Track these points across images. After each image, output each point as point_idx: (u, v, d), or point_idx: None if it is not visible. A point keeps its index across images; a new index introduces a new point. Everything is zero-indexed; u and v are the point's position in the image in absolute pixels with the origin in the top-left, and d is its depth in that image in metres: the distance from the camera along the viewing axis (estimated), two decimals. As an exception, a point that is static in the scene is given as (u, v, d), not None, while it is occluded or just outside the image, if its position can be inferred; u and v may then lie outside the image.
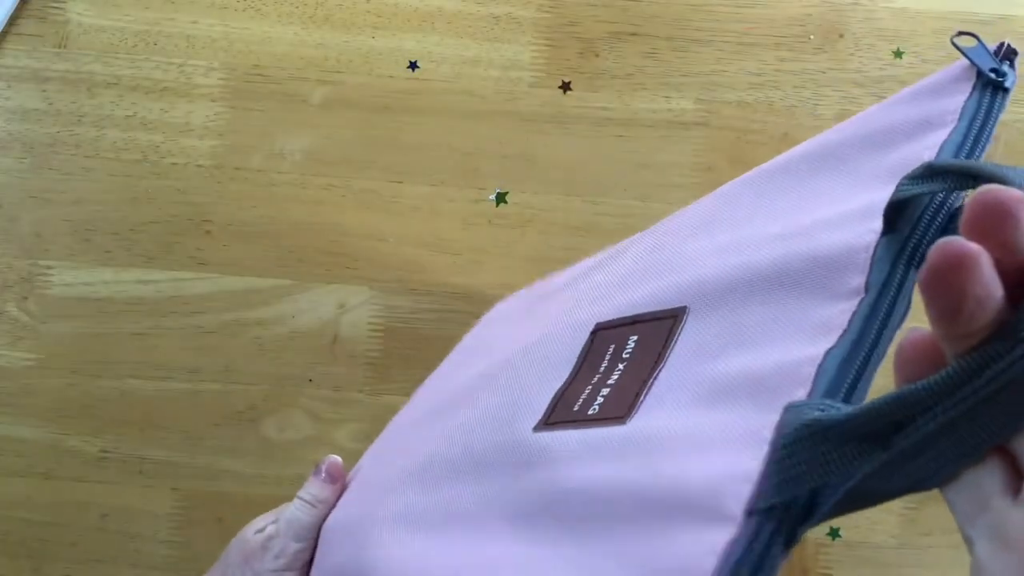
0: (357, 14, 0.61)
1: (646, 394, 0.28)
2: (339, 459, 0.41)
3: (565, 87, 0.61)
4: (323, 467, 0.41)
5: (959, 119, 0.28)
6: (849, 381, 0.22)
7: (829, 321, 0.23)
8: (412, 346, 0.59)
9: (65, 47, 0.60)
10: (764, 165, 0.34)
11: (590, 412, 0.29)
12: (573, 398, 0.30)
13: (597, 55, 0.61)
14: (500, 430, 0.31)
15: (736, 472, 0.20)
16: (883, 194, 0.25)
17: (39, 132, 0.59)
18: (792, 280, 0.25)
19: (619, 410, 0.28)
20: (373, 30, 0.61)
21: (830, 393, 0.21)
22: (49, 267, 0.59)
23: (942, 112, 0.28)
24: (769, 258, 0.26)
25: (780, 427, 0.20)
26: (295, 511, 0.40)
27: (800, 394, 0.21)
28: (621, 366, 0.30)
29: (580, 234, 0.59)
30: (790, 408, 0.21)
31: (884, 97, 0.62)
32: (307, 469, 0.60)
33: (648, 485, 0.23)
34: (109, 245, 0.59)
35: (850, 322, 0.23)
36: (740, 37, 0.61)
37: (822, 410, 0.20)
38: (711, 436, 0.23)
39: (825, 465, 0.19)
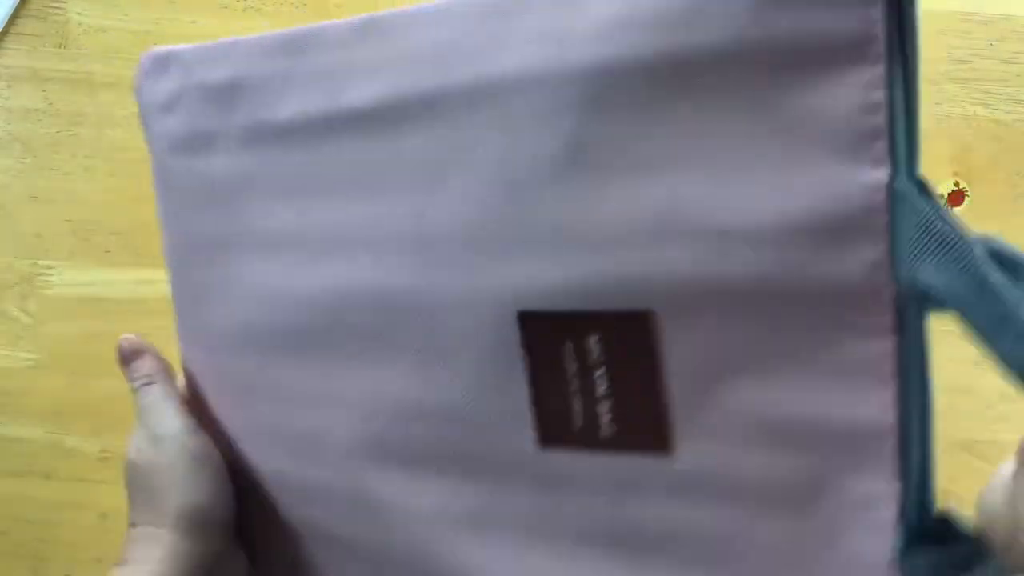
0: (357, 14, 0.61)
1: (671, 418, 0.26)
2: (129, 336, 0.38)
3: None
4: (120, 354, 0.38)
5: (885, 47, 0.21)
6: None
7: (869, 365, 0.22)
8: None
9: (65, 47, 0.60)
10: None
11: (604, 433, 0.27)
12: (563, 413, 0.27)
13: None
14: (482, 433, 0.28)
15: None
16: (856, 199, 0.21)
17: (39, 132, 0.59)
18: (793, 300, 0.23)
19: (648, 437, 0.26)
20: (373, 30, 0.61)
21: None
22: (49, 267, 0.59)
23: (842, 30, 0.21)
24: (745, 267, 0.23)
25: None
26: (139, 402, 0.37)
27: (887, 470, 0.22)
28: (600, 373, 0.27)
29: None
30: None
31: (884, 97, 0.62)
32: (307, 469, 0.60)
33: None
34: (109, 245, 0.59)
35: (896, 372, 0.22)
36: (740, 37, 0.61)
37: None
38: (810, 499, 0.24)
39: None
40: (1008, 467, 0.22)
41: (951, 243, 0.20)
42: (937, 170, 0.61)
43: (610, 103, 0.24)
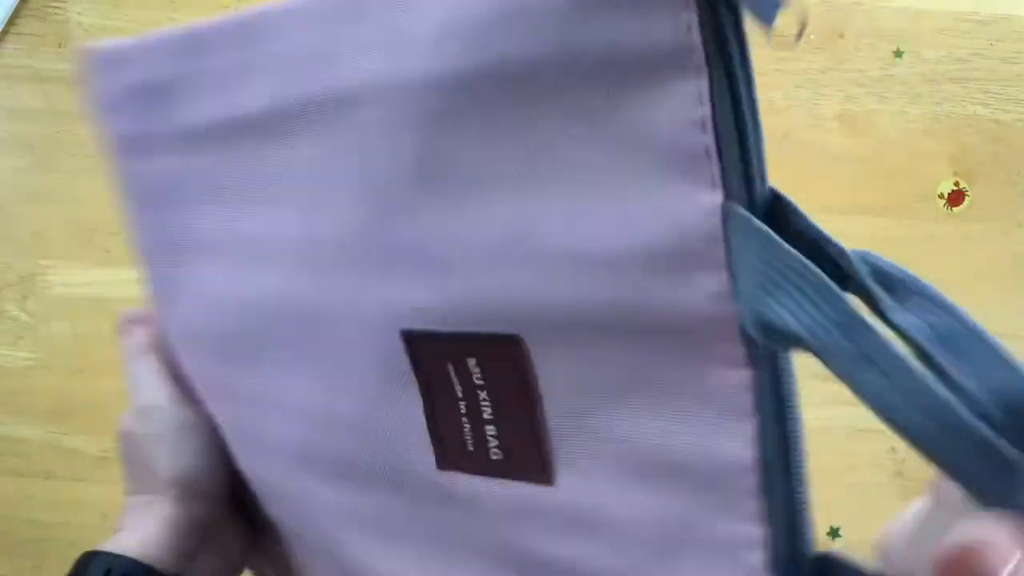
0: (357, 14, 0.61)
1: (549, 446, 0.25)
2: (131, 308, 0.37)
3: (565, 87, 0.61)
4: (118, 325, 0.36)
5: (705, 57, 0.19)
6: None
7: (728, 399, 0.21)
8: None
9: (65, 47, 0.60)
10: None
11: (493, 457, 0.26)
12: (456, 435, 0.26)
13: (597, 55, 0.61)
14: (388, 447, 0.28)
15: None
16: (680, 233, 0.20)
17: (39, 132, 0.59)
18: (654, 328, 0.22)
19: (530, 465, 0.26)
20: (373, 30, 0.61)
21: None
22: (49, 267, 0.59)
23: (657, 39, 0.19)
24: (599, 293, 0.22)
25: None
26: (129, 374, 0.36)
27: (754, 535, 0.21)
28: (484, 396, 0.26)
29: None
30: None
31: (884, 97, 0.62)
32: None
33: None
34: (109, 245, 0.59)
35: (755, 407, 0.20)
36: (740, 37, 0.61)
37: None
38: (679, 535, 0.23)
39: None
40: (916, 505, 0.20)
41: (799, 274, 0.18)
42: (937, 170, 0.61)
43: (452, 117, 0.22)
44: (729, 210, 0.19)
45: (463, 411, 0.26)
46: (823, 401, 0.53)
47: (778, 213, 0.20)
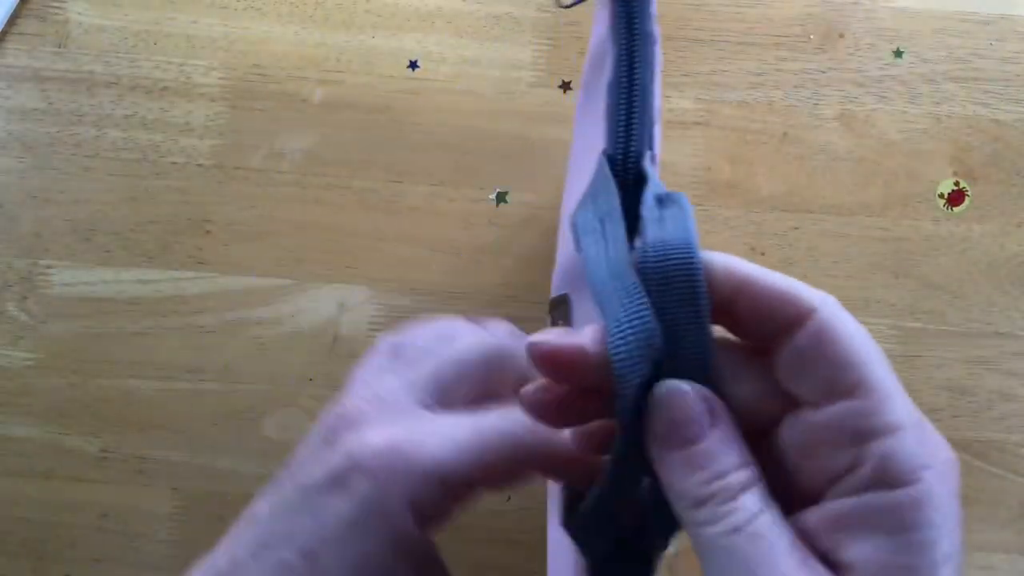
0: (357, 13, 0.61)
1: None
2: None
3: (565, 87, 0.61)
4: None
5: (612, 40, 0.27)
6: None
7: None
8: (412, 346, 0.59)
9: (65, 47, 0.60)
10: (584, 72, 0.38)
11: None
12: None
13: (597, 55, 0.61)
14: None
15: None
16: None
17: (39, 132, 0.59)
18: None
19: None
20: (373, 29, 0.61)
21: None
22: (49, 267, 0.59)
23: (606, 30, 0.28)
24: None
25: None
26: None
27: None
28: None
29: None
30: None
31: (884, 97, 0.62)
32: (307, 469, 0.60)
33: None
34: (109, 245, 0.59)
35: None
36: (740, 37, 0.61)
37: None
38: None
39: None
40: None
41: (605, 188, 0.26)
42: (937, 170, 0.61)
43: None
44: (601, 158, 0.26)
45: None
46: (823, 401, 0.53)
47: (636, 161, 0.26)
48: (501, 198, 0.60)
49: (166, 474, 0.58)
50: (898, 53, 0.61)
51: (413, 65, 0.60)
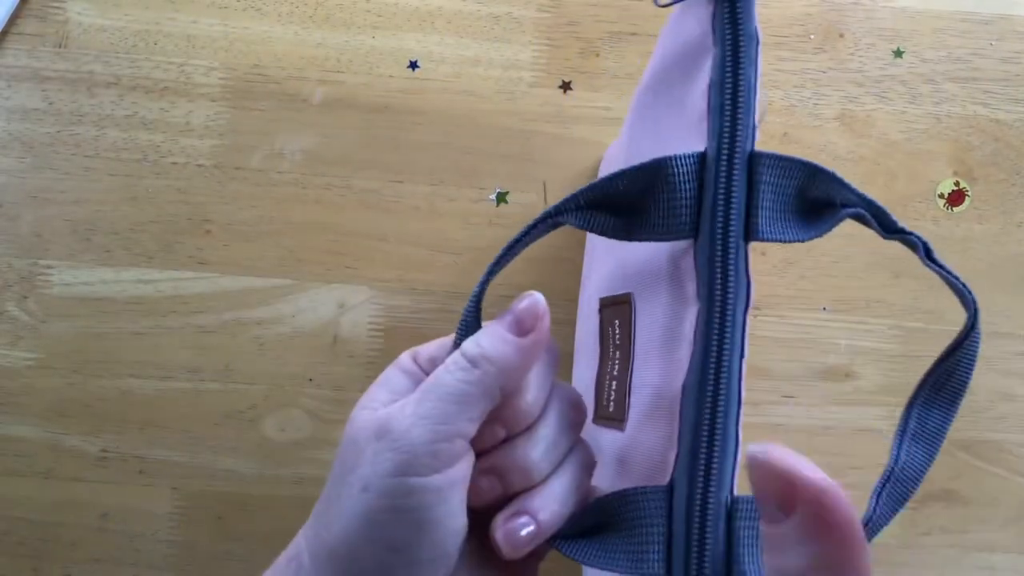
0: (357, 13, 0.61)
1: (630, 395, 0.30)
2: (539, 299, 0.29)
3: (565, 87, 0.61)
4: (515, 308, 0.28)
5: (715, 41, 0.27)
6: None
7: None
8: (412, 346, 0.59)
9: (65, 47, 0.60)
10: (640, 85, 0.38)
11: (610, 409, 0.32)
12: (602, 391, 0.33)
13: (597, 55, 0.61)
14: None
15: None
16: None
17: (39, 132, 0.59)
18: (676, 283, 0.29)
19: (620, 410, 0.31)
20: (373, 29, 0.61)
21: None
22: (49, 267, 0.59)
23: (701, 31, 0.28)
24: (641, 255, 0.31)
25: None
26: (442, 375, 0.28)
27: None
28: (616, 354, 0.32)
29: (581, 234, 0.59)
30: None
31: (885, 97, 0.62)
32: (307, 469, 0.60)
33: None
34: (109, 245, 0.59)
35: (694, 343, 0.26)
36: (740, 37, 0.61)
37: None
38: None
39: None
40: None
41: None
42: (937, 170, 0.61)
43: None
44: (703, 158, 0.26)
45: (607, 369, 0.33)
46: (823, 401, 0.54)
47: (752, 161, 0.26)
48: (501, 198, 0.60)
49: (166, 474, 0.58)
50: (898, 53, 0.61)
51: (413, 65, 0.60)
